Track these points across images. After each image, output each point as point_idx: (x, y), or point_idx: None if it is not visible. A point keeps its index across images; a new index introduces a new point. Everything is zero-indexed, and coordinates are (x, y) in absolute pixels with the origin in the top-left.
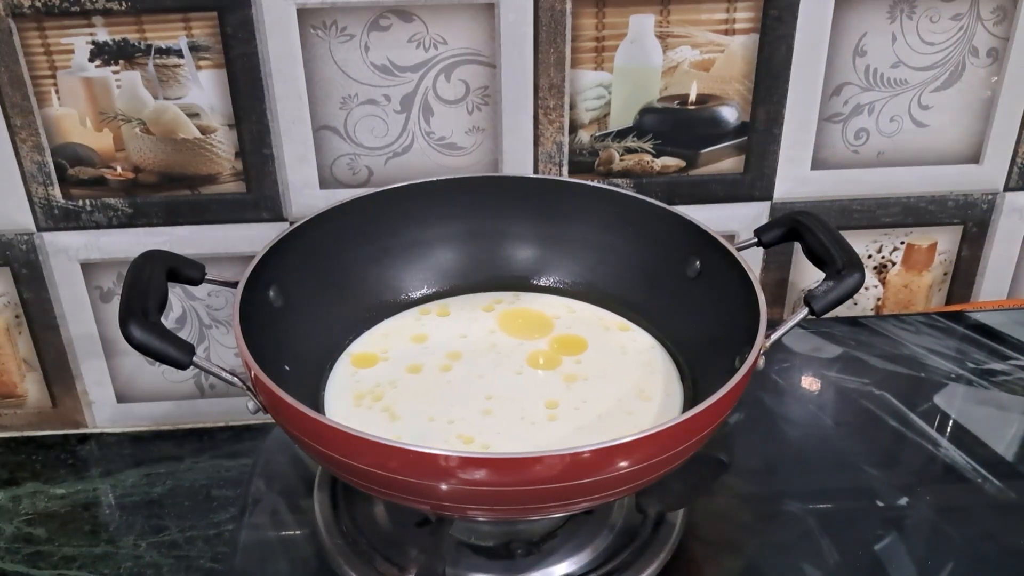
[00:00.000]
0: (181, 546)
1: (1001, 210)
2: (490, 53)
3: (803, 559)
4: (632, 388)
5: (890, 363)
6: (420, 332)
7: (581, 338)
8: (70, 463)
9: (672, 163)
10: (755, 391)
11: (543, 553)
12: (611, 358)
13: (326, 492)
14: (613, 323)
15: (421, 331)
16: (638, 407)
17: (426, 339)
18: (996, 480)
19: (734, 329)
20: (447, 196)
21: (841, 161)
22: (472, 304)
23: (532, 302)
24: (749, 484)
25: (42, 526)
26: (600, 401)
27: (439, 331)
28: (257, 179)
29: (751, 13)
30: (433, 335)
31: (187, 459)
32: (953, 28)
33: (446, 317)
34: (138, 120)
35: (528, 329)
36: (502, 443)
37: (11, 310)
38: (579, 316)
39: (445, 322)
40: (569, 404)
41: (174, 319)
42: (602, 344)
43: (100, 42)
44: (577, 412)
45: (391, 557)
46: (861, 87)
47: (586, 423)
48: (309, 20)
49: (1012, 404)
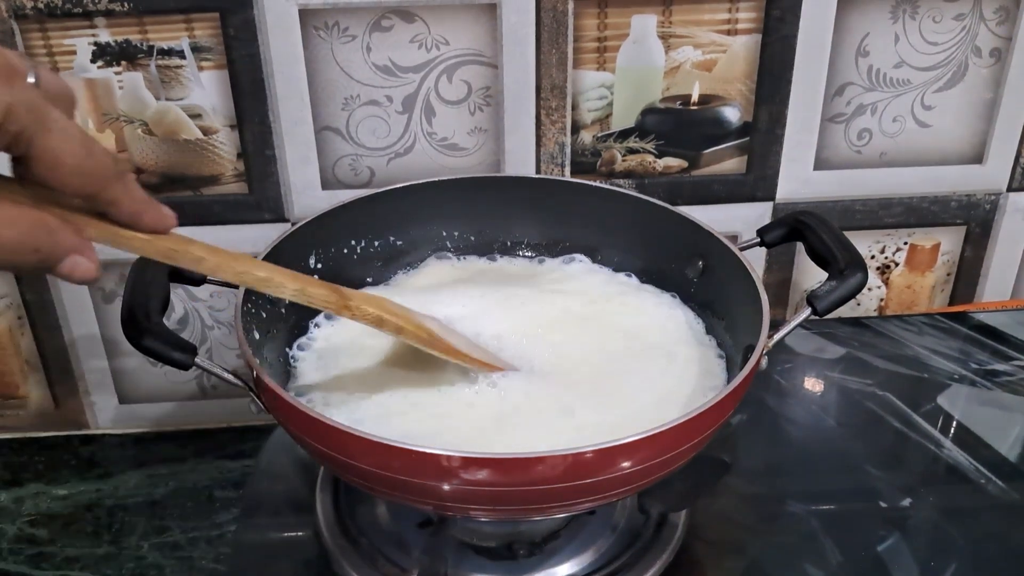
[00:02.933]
0: (183, 547)
1: (1004, 210)
2: (492, 54)
3: (806, 560)
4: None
5: (893, 364)
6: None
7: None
8: (72, 464)
9: (674, 163)
10: (758, 392)
11: (545, 554)
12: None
13: (328, 493)
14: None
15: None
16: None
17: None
18: (999, 481)
19: (737, 329)
20: (449, 197)
21: (844, 161)
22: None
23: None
24: (752, 485)
25: (44, 527)
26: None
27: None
28: (259, 180)
29: (753, 13)
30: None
31: (189, 460)
32: (956, 28)
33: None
34: (140, 121)
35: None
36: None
37: (13, 311)
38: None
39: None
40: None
41: (176, 320)
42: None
43: (102, 43)
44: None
45: (393, 558)
46: (864, 87)
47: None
48: (311, 21)
49: (1015, 405)
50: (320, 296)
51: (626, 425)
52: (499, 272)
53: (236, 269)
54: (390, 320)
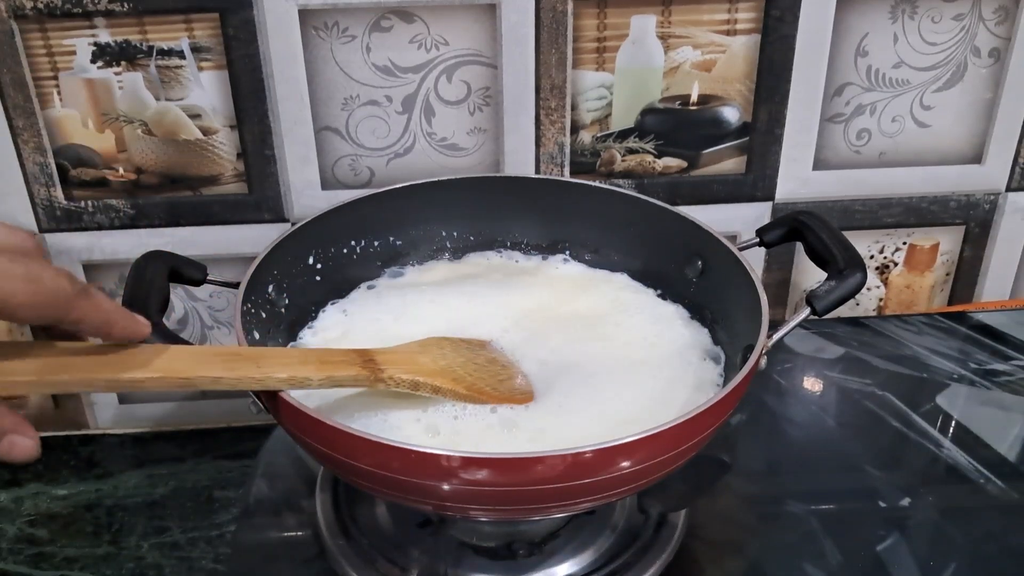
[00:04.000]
0: (183, 547)
1: (1003, 210)
2: (492, 54)
3: (805, 560)
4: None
5: (892, 364)
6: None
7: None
8: (72, 464)
9: (674, 163)
10: (757, 392)
11: (545, 554)
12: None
13: (328, 493)
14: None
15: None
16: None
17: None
18: (998, 481)
19: (736, 329)
20: (449, 197)
21: (843, 161)
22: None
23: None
24: (751, 485)
25: (44, 527)
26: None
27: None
28: (259, 180)
29: (752, 14)
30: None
31: (189, 460)
32: (955, 28)
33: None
34: (140, 121)
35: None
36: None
37: None
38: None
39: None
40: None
41: (176, 320)
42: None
43: (102, 43)
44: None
45: (393, 558)
46: (863, 87)
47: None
48: (310, 21)
49: (1014, 404)
50: (349, 378)
51: (622, 427)
52: (496, 271)
53: (255, 377)
54: (426, 383)
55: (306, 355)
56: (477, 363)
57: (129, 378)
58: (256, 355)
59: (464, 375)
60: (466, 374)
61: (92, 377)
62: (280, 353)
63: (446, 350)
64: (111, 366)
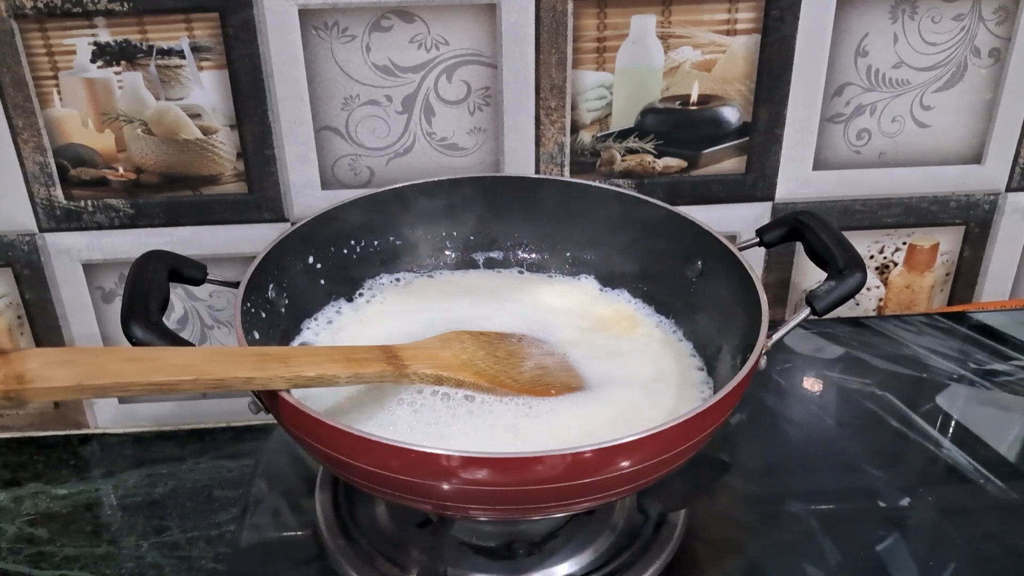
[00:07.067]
0: (183, 547)
1: (1003, 211)
2: (491, 54)
3: (805, 560)
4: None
5: (892, 364)
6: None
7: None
8: (72, 463)
9: (674, 163)
10: (757, 392)
11: (545, 553)
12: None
13: (328, 492)
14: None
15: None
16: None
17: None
18: (998, 481)
19: (736, 329)
20: (448, 196)
21: (843, 161)
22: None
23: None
24: (751, 485)
25: (44, 526)
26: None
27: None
28: (259, 180)
29: (752, 13)
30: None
31: (189, 459)
32: (955, 28)
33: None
34: (140, 121)
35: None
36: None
37: (13, 311)
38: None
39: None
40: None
41: (176, 319)
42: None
43: (102, 43)
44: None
45: (393, 557)
46: (863, 87)
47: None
48: (310, 21)
49: (1014, 405)
50: (375, 374)
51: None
52: (491, 275)
53: (285, 376)
54: (449, 377)
55: (332, 353)
56: (497, 356)
57: (164, 381)
58: (284, 354)
59: (485, 368)
60: (487, 367)
61: (128, 382)
62: (307, 352)
63: (467, 344)
64: (146, 371)
